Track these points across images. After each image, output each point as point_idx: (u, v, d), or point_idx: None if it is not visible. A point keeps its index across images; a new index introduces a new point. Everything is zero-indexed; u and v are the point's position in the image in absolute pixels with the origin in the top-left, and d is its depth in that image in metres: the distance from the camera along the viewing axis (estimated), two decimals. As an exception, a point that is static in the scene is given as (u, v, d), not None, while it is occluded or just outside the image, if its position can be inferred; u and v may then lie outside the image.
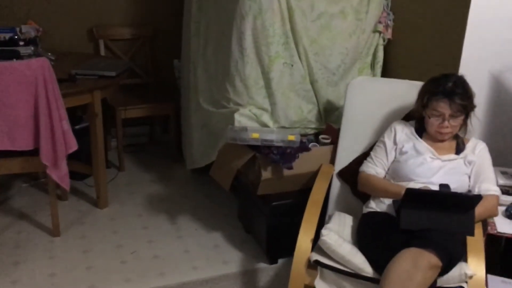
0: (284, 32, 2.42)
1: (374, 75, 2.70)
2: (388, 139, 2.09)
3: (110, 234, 2.66)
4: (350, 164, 2.26)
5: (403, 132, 2.07)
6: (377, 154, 2.09)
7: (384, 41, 2.69)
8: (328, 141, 2.43)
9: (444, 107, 1.89)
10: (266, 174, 2.26)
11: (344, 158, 2.30)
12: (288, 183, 2.34)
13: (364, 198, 2.14)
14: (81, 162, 2.96)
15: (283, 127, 2.51)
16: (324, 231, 1.80)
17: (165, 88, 3.79)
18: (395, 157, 2.06)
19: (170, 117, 3.57)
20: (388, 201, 1.95)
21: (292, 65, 2.47)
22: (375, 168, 2.07)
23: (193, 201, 3.04)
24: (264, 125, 2.49)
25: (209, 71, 2.75)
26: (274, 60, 2.42)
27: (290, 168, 2.23)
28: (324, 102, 2.60)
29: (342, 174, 2.27)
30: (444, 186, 1.85)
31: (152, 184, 3.26)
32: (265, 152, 2.23)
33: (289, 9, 2.40)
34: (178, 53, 3.68)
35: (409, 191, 1.73)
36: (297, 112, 2.53)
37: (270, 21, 2.37)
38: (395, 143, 2.06)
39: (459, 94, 1.89)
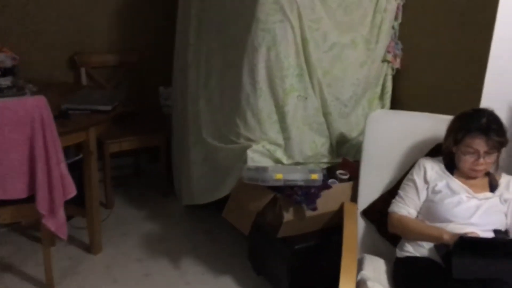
0: (298, 64, 2.31)
1: (383, 106, 2.63)
2: (417, 177, 2.00)
3: (110, 284, 2.43)
4: (375, 202, 2.16)
5: (433, 170, 1.99)
6: (408, 194, 2.00)
7: (392, 71, 2.63)
8: (347, 176, 2.32)
9: (480, 143, 1.83)
10: (288, 216, 2.12)
11: (367, 196, 2.20)
12: (309, 224, 2.21)
13: (393, 239, 2.04)
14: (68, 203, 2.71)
15: (297, 163, 2.39)
16: (369, 284, 1.68)
17: (152, 117, 3.58)
18: (427, 196, 1.97)
19: (158, 148, 3.36)
20: (428, 245, 1.85)
21: (306, 98, 2.35)
22: (407, 208, 1.97)
23: (193, 240, 2.85)
24: (278, 161, 2.36)
25: (212, 103, 2.59)
26: (289, 93, 2.30)
27: (315, 209, 2.11)
28: (337, 135, 2.50)
29: (367, 213, 2.16)
30: (498, 232, 1.77)
31: (145, 222, 3.04)
32: (288, 193, 2.09)
33: (303, 40, 2.29)
34: (164, 80, 3.53)
35: (464, 239, 1.64)
36: (311, 146, 2.42)
37: (285, 53, 2.26)
38: (426, 181, 1.98)
39: (494, 130, 1.83)
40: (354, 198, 2.24)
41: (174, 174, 3.25)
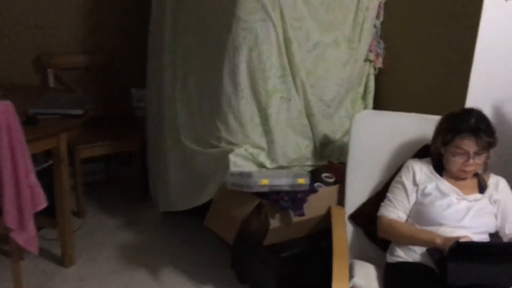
0: (281, 64, 2.22)
1: (365, 106, 2.58)
2: (406, 179, 1.95)
3: (85, 299, 2.29)
4: (363, 206, 2.10)
5: (422, 172, 1.94)
6: (397, 196, 1.94)
7: (375, 70, 2.58)
8: (332, 180, 2.26)
9: (469, 144, 1.79)
10: (274, 222, 2.04)
11: (354, 199, 2.14)
12: (296, 230, 2.13)
13: (383, 244, 1.99)
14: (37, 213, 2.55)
15: (281, 167, 2.31)
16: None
17: (125, 120, 3.44)
18: (416, 199, 1.92)
19: (131, 152, 3.23)
20: (420, 250, 1.80)
21: (289, 100, 2.27)
22: (396, 212, 1.92)
23: (171, 249, 2.73)
24: (261, 165, 2.27)
25: (191, 106, 2.48)
26: (271, 95, 2.22)
27: (302, 215, 2.03)
28: (321, 137, 2.43)
29: (354, 217, 2.10)
30: (494, 236, 1.73)
31: (119, 231, 2.90)
32: (274, 199, 2.01)
33: (286, 39, 2.21)
34: (136, 81, 3.40)
35: (460, 244, 1.58)
36: (295, 149, 2.34)
37: (267, 53, 2.17)
38: (415, 183, 1.93)
39: (484, 130, 1.79)
40: (341, 201, 2.18)
41: (149, 179, 3.12)
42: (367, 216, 2.06)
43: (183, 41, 2.50)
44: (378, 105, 2.60)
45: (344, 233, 1.95)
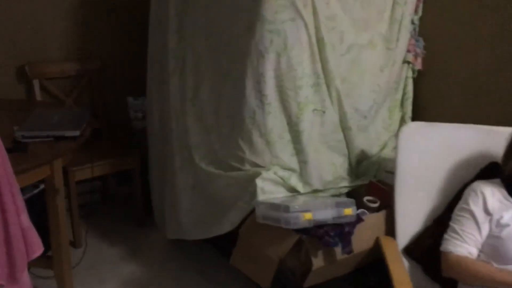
0: (314, 71, 1.89)
1: (403, 114, 2.26)
2: (476, 207, 1.63)
3: None
4: (420, 237, 1.79)
5: (495, 197, 1.63)
6: (465, 228, 1.63)
7: (413, 73, 2.25)
8: (377, 205, 1.93)
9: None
10: (317, 262, 1.71)
11: (406, 228, 1.82)
12: (339, 268, 1.81)
13: (449, 284, 1.67)
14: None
15: (316, 191, 1.98)
16: None
17: (122, 133, 3.09)
18: (490, 231, 1.61)
19: (130, 169, 2.87)
20: (500, 294, 1.49)
21: (324, 112, 1.94)
22: (466, 247, 1.60)
23: (185, 284, 2.38)
24: (293, 190, 1.94)
25: (205, 122, 2.14)
26: (303, 107, 1.88)
27: (351, 252, 1.70)
28: (357, 153, 2.11)
29: (410, 251, 1.78)
30: None
31: (123, 263, 2.55)
32: (317, 235, 1.67)
33: (319, 42, 1.88)
34: (132, 89, 3.05)
35: None
36: (330, 169, 2.01)
37: (298, 59, 1.83)
38: (487, 212, 1.61)
39: None
40: (389, 231, 1.86)
41: (153, 201, 2.77)
42: (426, 250, 1.74)
43: (192, 46, 2.15)
44: (417, 113, 2.27)
45: (404, 271, 1.62)
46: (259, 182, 1.85)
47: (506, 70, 1.98)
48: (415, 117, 2.25)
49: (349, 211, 1.69)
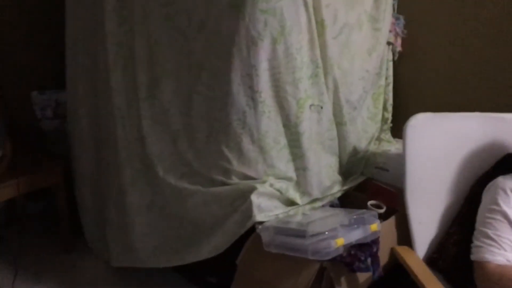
0: (312, 59, 1.57)
1: (385, 101, 2.03)
2: (507, 208, 1.46)
3: None
4: (444, 245, 1.58)
5: (524, 194, 1.47)
6: (499, 233, 1.45)
7: (394, 55, 2.03)
8: (383, 210, 1.69)
9: None
10: (342, 290, 1.43)
11: (424, 235, 1.61)
12: (359, 291, 1.55)
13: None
14: None
15: (314, 200, 1.68)
16: None
17: (31, 137, 2.49)
18: (525, 232, 1.45)
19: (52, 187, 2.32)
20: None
21: (321, 107, 1.63)
22: (504, 254, 1.43)
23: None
24: (291, 202, 1.62)
25: (168, 126, 1.70)
26: (303, 104, 1.55)
27: (381, 275, 1.44)
28: (349, 151, 1.84)
29: (435, 262, 1.57)
30: None
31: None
32: (346, 261, 1.38)
33: (319, 24, 1.55)
34: (37, 81, 2.48)
35: None
36: (328, 173, 1.73)
37: (297, 45, 1.49)
38: (521, 212, 1.45)
39: None
40: (403, 239, 1.63)
41: (84, 221, 2.26)
42: (452, 259, 1.55)
43: (144, 29, 1.69)
44: (397, 101, 2.06)
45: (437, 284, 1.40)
46: (254, 198, 1.50)
47: (499, 50, 1.83)
48: (396, 105, 2.05)
49: (375, 226, 1.43)
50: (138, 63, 1.71)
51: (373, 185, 1.77)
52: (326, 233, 1.29)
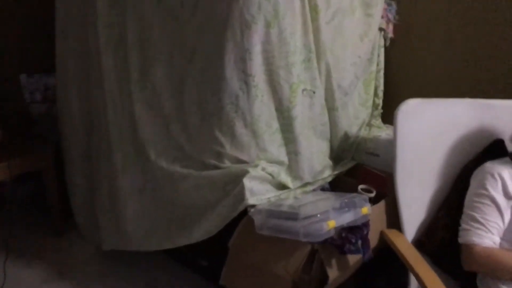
0: (305, 44, 1.57)
1: (376, 87, 2.04)
2: (496, 192, 1.49)
3: None
4: (432, 229, 1.61)
5: (512, 179, 1.50)
6: (488, 216, 1.48)
7: (385, 41, 2.04)
8: (373, 194, 1.71)
9: None
10: (333, 272, 1.45)
11: (413, 219, 1.64)
12: (347, 274, 1.57)
13: (464, 276, 1.54)
14: None
15: (306, 184, 1.69)
16: None
17: (19, 122, 2.47)
18: (511, 216, 1.49)
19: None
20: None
21: (314, 92, 1.64)
22: (491, 237, 1.46)
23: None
24: (282, 186, 1.64)
25: (160, 109, 1.70)
26: (296, 89, 1.56)
27: (371, 257, 1.47)
28: (340, 136, 1.85)
29: (423, 245, 1.60)
30: None
31: (48, 286, 2.03)
32: (337, 244, 1.40)
33: (312, 8, 1.55)
34: (26, 64, 2.47)
35: None
36: (319, 157, 1.74)
37: (290, 29, 1.50)
38: (508, 196, 1.48)
39: None
40: (393, 223, 1.66)
41: (74, 205, 2.26)
42: (440, 243, 1.58)
43: (135, 12, 1.68)
44: (388, 87, 2.08)
45: (437, 279, 1.42)
46: (246, 182, 1.51)
47: (483, 40, 1.85)
48: (386, 91, 2.06)
49: (366, 210, 1.45)
50: (130, 46, 1.70)
51: (363, 170, 1.80)
52: (318, 215, 1.31)
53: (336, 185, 1.83)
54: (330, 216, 1.32)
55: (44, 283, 2.04)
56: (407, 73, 2.08)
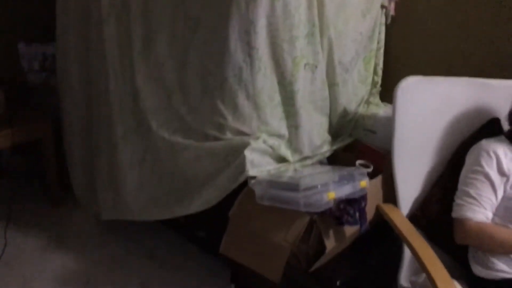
0: (309, 19, 1.58)
1: (375, 65, 2.06)
2: (490, 169, 1.52)
3: None
4: (427, 203, 1.65)
5: (507, 157, 1.54)
6: (481, 192, 1.52)
7: (387, 19, 2.05)
8: (370, 169, 1.75)
9: None
10: (330, 243, 1.49)
11: (408, 194, 1.67)
12: (343, 245, 1.62)
13: (457, 251, 1.59)
14: None
15: (305, 158, 1.72)
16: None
17: (15, 91, 2.46)
18: (505, 193, 1.53)
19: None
20: (531, 261, 1.43)
21: (316, 67, 1.65)
22: (484, 212, 1.50)
23: (134, 272, 2.01)
24: (282, 159, 1.67)
25: (162, 80, 1.71)
26: (299, 62, 1.58)
27: (368, 229, 1.51)
28: (340, 112, 1.88)
29: (417, 220, 1.64)
30: None
31: (50, 256, 2.07)
32: (336, 215, 1.44)
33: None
34: (24, 32, 2.45)
35: None
36: (319, 132, 1.76)
37: (295, 3, 1.50)
38: (503, 173, 1.52)
39: None
40: (388, 198, 1.70)
41: (73, 175, 2.28)
42: (434, 217, 1.62)
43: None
44: (388, 65, 2.10)
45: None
46: (248, 153, 1.54)
47: (484, 18, 1.87)
48: (385, 69, 2.08)
49: (364, 183, 1.48)
50: (133, 15, 1.70)
51: (361, 146, 1.83)
52: (319, 187, 1.34)
53: (333, 161, 1.86)
54: (330, 188, 1.35)
55: (45, 251, 2.07)
56: (407, 52, 2.09)
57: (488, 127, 1.69)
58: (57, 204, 2.37)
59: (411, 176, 1.68)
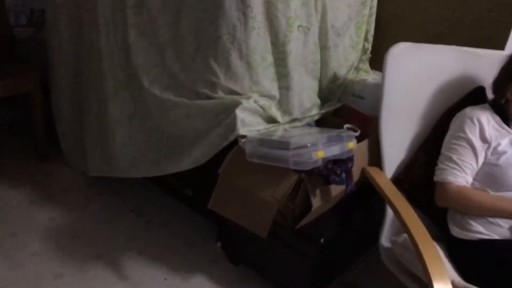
0: (304, -21, 1.58)
1: (366, 32, 2.08)
2: (472, 135, 1.58)
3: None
4: (411, 168, 1.70)
5: (490, 125, 1.59)
6: (463, 157, 1.57)
7: (379, -16, 2.06)
8: (358, 133, 1.78)
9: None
10: (316, 201, 1.53)
11: (393, 158, 1.72)
12: (329, 205, 1.67)
13: (435, 213, 1.65)
14: None
15: (294, 120, 1.75)
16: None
17: (2, 45, 2.43)
18: (485, 159, 1.58)
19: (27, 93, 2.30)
20: (506, 223, 1.50)
21: (309, 29, 1.66)
22: (464, 176, 1.56)
23: (122, 226, 2.05)
24: (272, 120, 1.69)
25: (155, 37, 1.71)
26: (292, 23, 1.58)
27: (353, 189, 1.56)
28: (330, 76, 1.90)
29: (400, 183, 1.69)
30: None
31: (38, 210, 2.08)
32: (323, 174, 1.48)
33: None
34: None
35: None
36: (309, 95, 1.79)
37: (291, -38, 1.50)
38: (485, 140, 1.57)
39: None
40: (374, 161, 1.75)
41: (60, 130, 2.28)
42: (416, 180, 1.67)
43: None
44: (379, 31, 2.11)
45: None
46: (239, 112, 1.56)
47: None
48: (376, 37, 2.10)
49: (352, 145, 1.52)
50: (126, -31, 1.68)
51: (349, 109, 1.86)
52: (308, 146, 1.37)
53: (321, 124, 1.89)
54: (319, 147, 1.39)
55: (32, 204, 2.09)
56: (398, 20, 2.11)
57: (473, 95, 1.73)
58: (44, 159, 2.37)
59: (397, 141, 1.72)
